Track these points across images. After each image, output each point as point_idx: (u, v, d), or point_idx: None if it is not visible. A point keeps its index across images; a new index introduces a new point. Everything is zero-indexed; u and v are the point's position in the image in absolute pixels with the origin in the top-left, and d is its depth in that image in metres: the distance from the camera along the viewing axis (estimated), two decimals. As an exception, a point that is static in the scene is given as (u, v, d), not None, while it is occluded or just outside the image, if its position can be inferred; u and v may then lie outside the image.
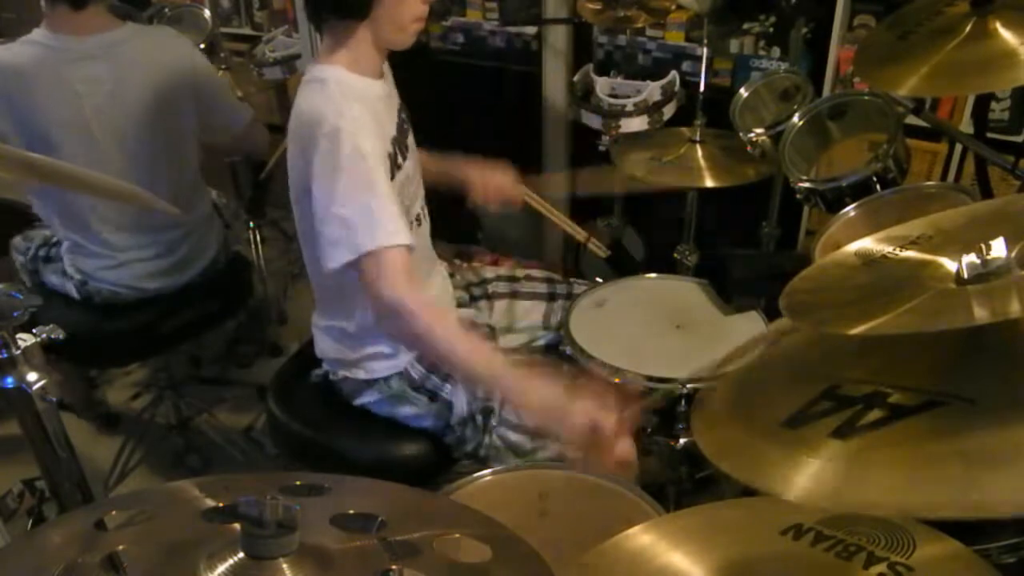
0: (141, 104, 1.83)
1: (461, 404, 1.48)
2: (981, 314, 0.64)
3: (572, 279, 1.83)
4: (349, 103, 1.29)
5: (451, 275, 1.72)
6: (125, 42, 1.81)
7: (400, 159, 1.41)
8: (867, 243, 0.84)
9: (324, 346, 1.56)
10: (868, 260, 0.81)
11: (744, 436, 0.71)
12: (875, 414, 0.65)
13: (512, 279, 1.78)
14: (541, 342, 1.73)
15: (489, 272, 1.81)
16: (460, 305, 1.68)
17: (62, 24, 1.75)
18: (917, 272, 0.74)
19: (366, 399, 1.54)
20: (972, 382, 0.65)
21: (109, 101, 1.78)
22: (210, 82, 1.98)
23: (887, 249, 0.81)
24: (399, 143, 1.42)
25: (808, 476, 0.63)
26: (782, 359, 0.83)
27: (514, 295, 1.75)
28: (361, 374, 1.53)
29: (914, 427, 0.63)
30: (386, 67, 1.50)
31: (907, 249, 0.79)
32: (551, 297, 1.76)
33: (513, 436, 1.46)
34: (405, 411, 1.52)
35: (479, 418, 1.47)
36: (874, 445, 0.63)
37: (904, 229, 0.84)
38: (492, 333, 1.67)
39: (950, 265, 0.72)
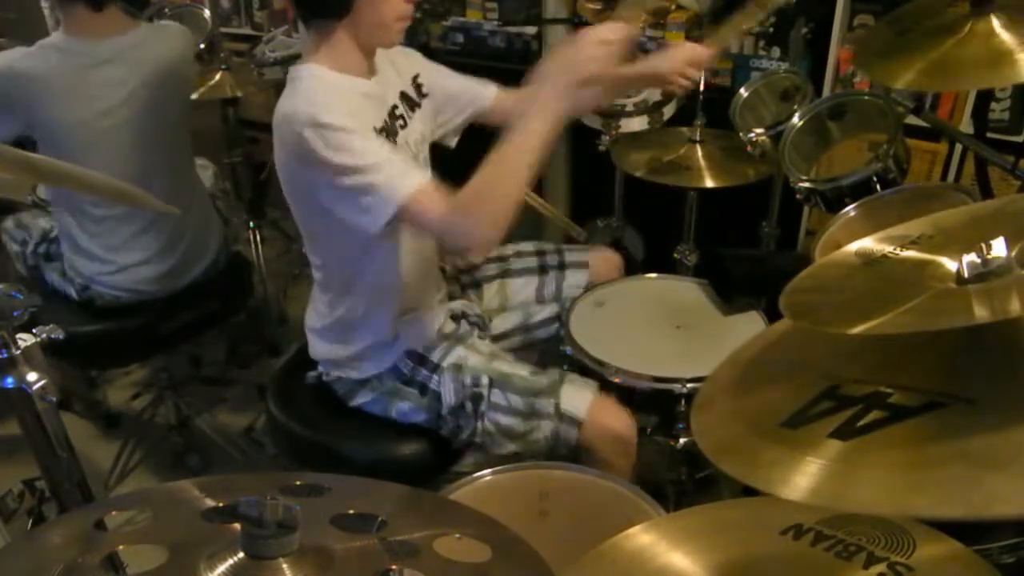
0: (152, 106, 1.83)
1: (449, 394, 1.48)
2: (982, 313, 0.64)
3: (563, 246, 1.82)
4: (319, 93, 1.31)
5: (442, 269, 1.72)
6: (142, 44, 1.81)
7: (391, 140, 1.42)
8: (867, 243, 0.84)
9: (317, 347, 1.57)
10: (868, 260, 0.81)
11: (744, 436, 0.71)
12: (875, 415, 0.65)
13: (501, 259, 1.78)
14: (536, 318, 1.73)
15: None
16: (452, 298, 1.68)
17: (80, 27, 1.75)
18: (917, 272, 0.74)
19: (361, 399, 1.55)
20: (973, 382, 0.65)
21: (123, 104, 1.79)
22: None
23: (887, 249, 0.81)
24: (387, 132, 1.42)
25: (808, 476, 0.62)
26: (782, 359, 0.83)
27: (504, 274, 1.75)
28: (354, 374, 1.53)
29: (914, 428, 0.63)
30: (391, 70, 1.50)
31: (907, 249, 0.79)
32: (542, 269, 1.75)
33: (504, 420, 1.46)
34: (399, 407, 1.52)
35: (469, 405, 1.47)
36: (874, 445, 0.63)
37: (904, 229, 0.83)
38: (483, 321, 1.67)
39: (950, 265, 0.72)
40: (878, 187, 1.54)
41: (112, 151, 1.81)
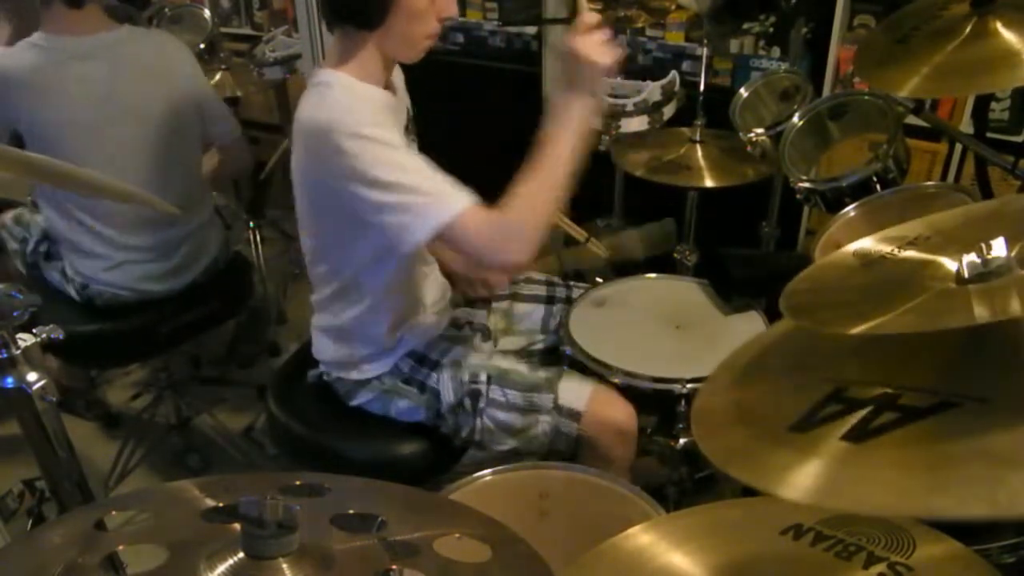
0: (138, 106, 1.82)
1: (447, 392, 1.48)
2: (982, 313, 0.64)
3: (571, 282, 1.83)
4: (359, 104, 1.30)
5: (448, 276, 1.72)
6: (122, 43, 1.81)
7: None
8: (866, 244, 0.84)
9: (321, 347, 1.57)
10: (867, 261, 0.81)
11: (751, 441, 0.71)
12: (887, 416, 0.65)
13: (511, 282, 1.78)
14: (539, 346, 1.73)
15: None
16: (456, 306, 1.68)
17: (59, 24, 1.75)
18: (917, 272, 0.74)
19: (361, 399, 1.55)
20: (982, 381, 0.65)
21: (105, 101, 1.78)
22: (207, 90, 1.99)
23: (886, 250, 0.81)
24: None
25: (824, 479, 0.62)
26: (783, 361, 0.83)
27: (513, 297, 1.75)
28: (354, 375, 1.53)
29: (929, 428, 0.62)
30: (400, 81, 1.51)
31: (906, 250, 0.79)
32: (550, 300, 1.76)
33: (502, 415, 1.46)
34: (399, 406, 1.52)
35: (467, 402, 1.47)
36: (888, 447, 0.62)
37: (901, 230, 0.83)
38: (488, 334, 1.67)
39: (950, 265, 0.72)
40: (878, 187, 1.54)
41: (105, 151, 1.80)
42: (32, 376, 1.02)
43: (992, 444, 0.58)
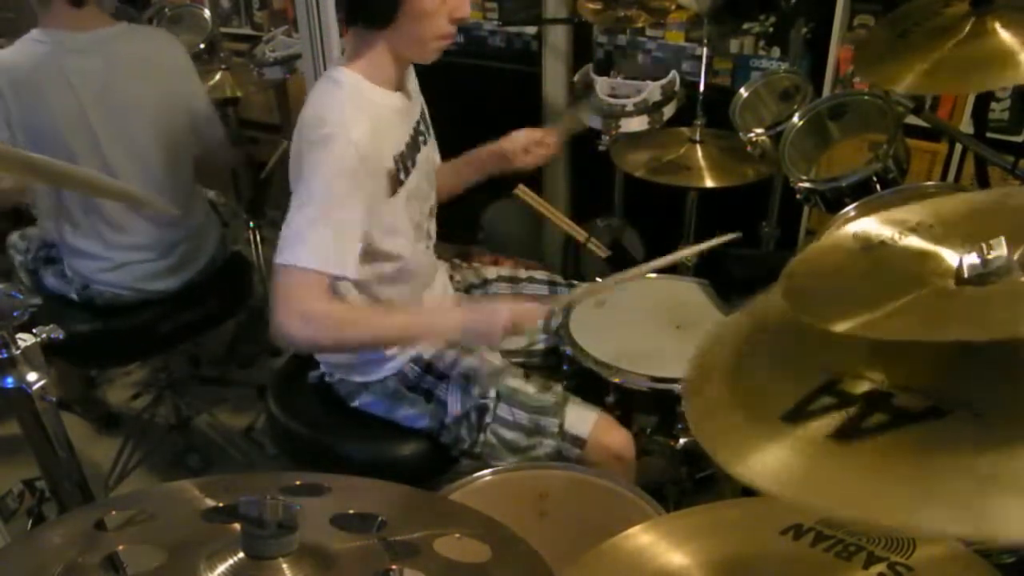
0: (135, 101, 1.82)
1: (455, 403, 1.48)
2: (978, 333, 0.63)
3: (573, 281, 1.83)
4: (356, 116, 1.29)
5: (451, 276, 1.72)
6: (117, 39, 1.81)
7: (403, 175, 1.41)
8: (867, 225, 0.82)
9: (321, 347, 1.57)
10: (867, 245, 0.79)
11: (742, 427, 0.70)
12: (878, 417, 0.64)
13: (514, 280, 1.78)
14: (541, 345, 1.73)
15: (491, 272, 1.81)
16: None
17: (57, 21, 1.75)
18: (916, 264, 0.73)
19: (362, 401, 1.55)
20: (975, 387, 0.64)
21: (103, 95, 1.78)
22: (199, 90, 1.99)
23: (887, 235, 0.79)
24: (405, 158, 1.42)
25: (809, 478, 0.61)
26: (778, 345, 0.82)
27: (515, 297, 1.75)
28: (357, 377, 1.53)
29: (918, 436, 0.62)
30: (413, 83, 1.51)
31: (907, 236, 0.78)
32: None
33: (508, 434, 1.46)
34: (402, 412, 1.52)
35: (473, 416, 1.47)
36: (876, 453, 0.62)
37: (904, 213, 0.82)
38: None
39: (950, 259, 0.71)
40: (878, 187, 1.54)
41: (109, 145, 1.80)
42: (32, 376, 1.02)
43: (979, 461, 0.57)
